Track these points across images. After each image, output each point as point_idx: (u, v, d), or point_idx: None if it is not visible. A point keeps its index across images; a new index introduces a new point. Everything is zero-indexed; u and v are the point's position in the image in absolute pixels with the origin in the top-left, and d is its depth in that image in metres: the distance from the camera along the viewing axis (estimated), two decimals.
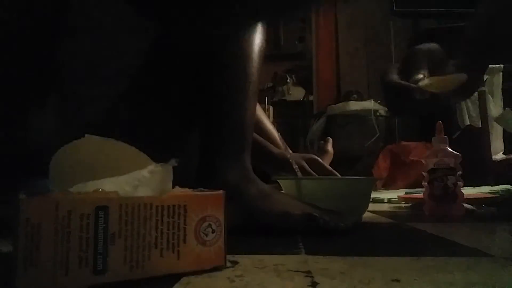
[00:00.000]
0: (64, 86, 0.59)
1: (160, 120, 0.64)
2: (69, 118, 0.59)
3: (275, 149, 0.85)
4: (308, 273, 0.34)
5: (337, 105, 2.38)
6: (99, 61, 0.57)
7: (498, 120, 1.61)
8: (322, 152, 1.00)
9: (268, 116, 3.16)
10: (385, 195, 1.22)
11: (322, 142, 1.05)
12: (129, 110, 0.61)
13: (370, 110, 2.27)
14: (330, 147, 1.02)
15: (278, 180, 0.75)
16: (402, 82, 0.64)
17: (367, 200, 0.71)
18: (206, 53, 0.60)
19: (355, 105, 2.31)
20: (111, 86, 0.58)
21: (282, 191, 0.71)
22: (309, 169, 0.83)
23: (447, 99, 0.67)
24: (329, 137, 1.07)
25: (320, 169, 0.84)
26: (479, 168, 1.52)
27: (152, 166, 0.36)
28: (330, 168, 0.86)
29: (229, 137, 0.59)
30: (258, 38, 0.62)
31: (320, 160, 0.87)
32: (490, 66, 1.70)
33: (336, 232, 0.54)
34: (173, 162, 0.36)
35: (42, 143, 0.57)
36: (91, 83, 0.58)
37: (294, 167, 0.73)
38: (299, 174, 0.75)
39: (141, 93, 0.61)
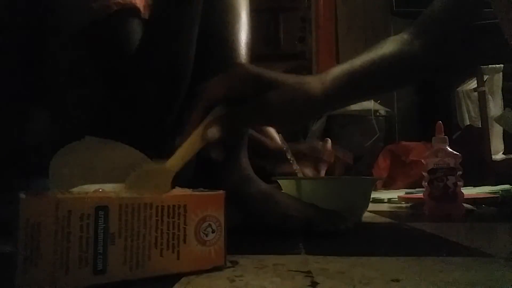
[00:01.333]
0: (57, 87, 0.58)
1: (157, 121, 0.63)
2: (64, 120, 0.59)
3: (271, 144, 0.85)
4: (308, 273, 0.34)
5: None
6: (83, 64, 0.57)
7: (498, 120, 1.61)
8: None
9: None
10: (385, 195, 1.22)
11: (321, 143, 1.05)
12: (124, 111, 0.60)
13: (370, 110, 2.27)
14: (329, 147, 1.02)
15: (278, 180, 0.75)
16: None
17: (367, 200, 0.71)
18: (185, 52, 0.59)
19: (355, 105, 2.30)
20: (102, 87, 0.58)
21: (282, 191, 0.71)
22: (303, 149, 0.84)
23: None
24: (327, 138, 1.07)
25: (317, 154, 0.86)
26: (479, 168, 1.52)
27: (152, 166, 0.36)
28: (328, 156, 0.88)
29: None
30: (244, 31, 0.61)
31: (317, 146, 0.88)
32: (490, 66, 1.70)
33: (336, 233, 0.54)
34: None
35: (41, 144, 0.57)
36: (80, 85, 0.57)
37: (289, 157, 0.74)
38: (299, 174, 0.75)
39: (133, 94, 0.61)
